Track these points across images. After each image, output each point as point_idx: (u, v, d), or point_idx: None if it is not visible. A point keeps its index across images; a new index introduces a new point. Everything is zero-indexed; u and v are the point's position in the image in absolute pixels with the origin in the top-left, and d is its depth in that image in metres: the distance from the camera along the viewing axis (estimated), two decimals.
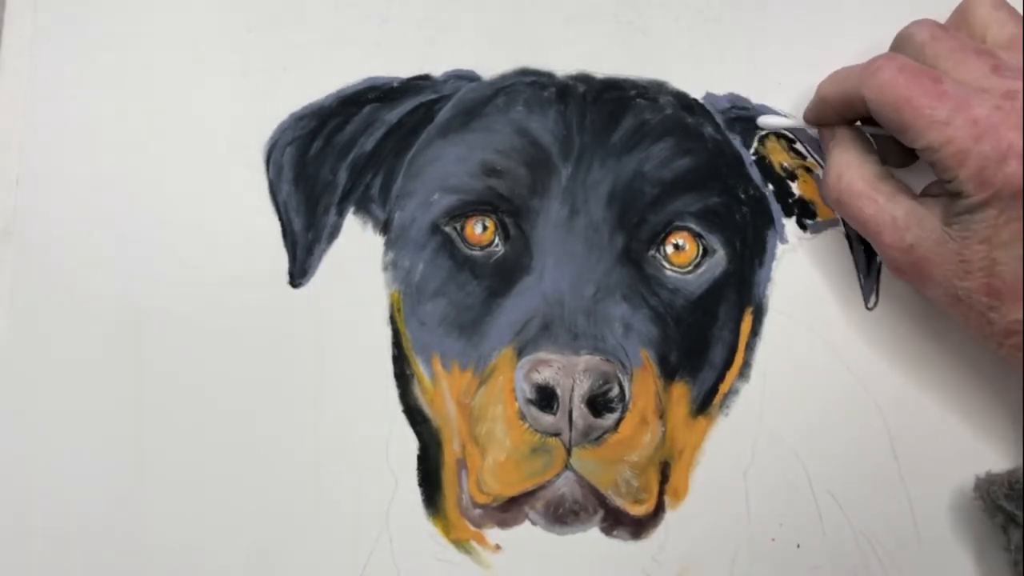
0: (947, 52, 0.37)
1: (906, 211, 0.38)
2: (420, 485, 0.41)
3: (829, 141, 0.41)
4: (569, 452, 0.39)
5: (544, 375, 0.39)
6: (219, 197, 0.42)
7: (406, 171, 0.43)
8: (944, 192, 0.37)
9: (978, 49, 0.37)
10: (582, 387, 0.39)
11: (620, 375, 0.39)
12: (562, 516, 0.41)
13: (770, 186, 0.43)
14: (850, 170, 0.39)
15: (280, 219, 0.42)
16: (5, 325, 0.41)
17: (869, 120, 0.39)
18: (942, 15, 0.41)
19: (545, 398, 0.39)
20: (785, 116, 0.43)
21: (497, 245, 0.42)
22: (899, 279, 0.39)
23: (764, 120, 0.43)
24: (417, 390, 0.42)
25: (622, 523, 0.41)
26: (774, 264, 0.43)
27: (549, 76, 0.43)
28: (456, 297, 0.41)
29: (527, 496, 0.40)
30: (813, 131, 0.43)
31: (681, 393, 0.41)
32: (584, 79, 0.43)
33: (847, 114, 0.40)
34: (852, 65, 0.40)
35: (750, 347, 0.43)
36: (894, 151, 0.41)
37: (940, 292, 0.37)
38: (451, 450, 0.41)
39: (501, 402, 0.40)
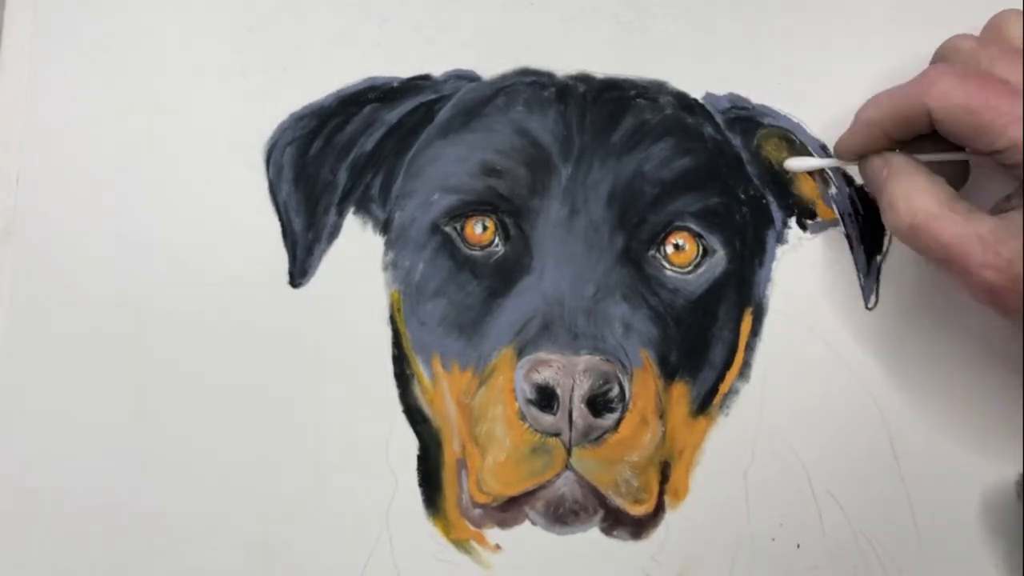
0: (998, 55, 0.37)
1: (991, 228, 0.35)
2: (420, 485, 0.41)
3: (882, 172, 0.39)
4: (569, 452, 0.39)
5: (544, 375, 0.39)
6: (219, 197, 0.42)
7: (406, 171, 0.43)
8: None
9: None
10: (582, 387, 0.39)
11: (620, 375, 0.39)
12: (562, 516, 0.41)
13: (770, 186, 0.43)
14: (920, 194, 0.37)
15: (280, 219, 0.42)
16: (5, 325, 0.41)
17: (911, 149, 0.39)
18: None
19: (545, 398, 0.39)
20: (810, 160, 0.42)
21: (497, 245, 0.42)
22: (992, 304, 0.36)
23: (792, 163, 0.42)
24: (417, 390, 0.42)
25: (622, 523, 0.41)
26: (774, 264, 0.43)
27: (549, 76, 0.43)
28: (456, 297, 0.41)
29: (527, 496, 0.40)
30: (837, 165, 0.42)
31: (681, 393, 0.41)
32: (584, 79, 0.43)
33: (902, 135, 0.38)
34: (899, 85, 0.39)
35: (750, 347, 0.43)
36: (946, 175, 0.39)
37: None
38: (451, 450, 0.41)
39: (501, 402, 0.40)
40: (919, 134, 0.38)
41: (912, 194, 0.37)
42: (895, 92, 0.38)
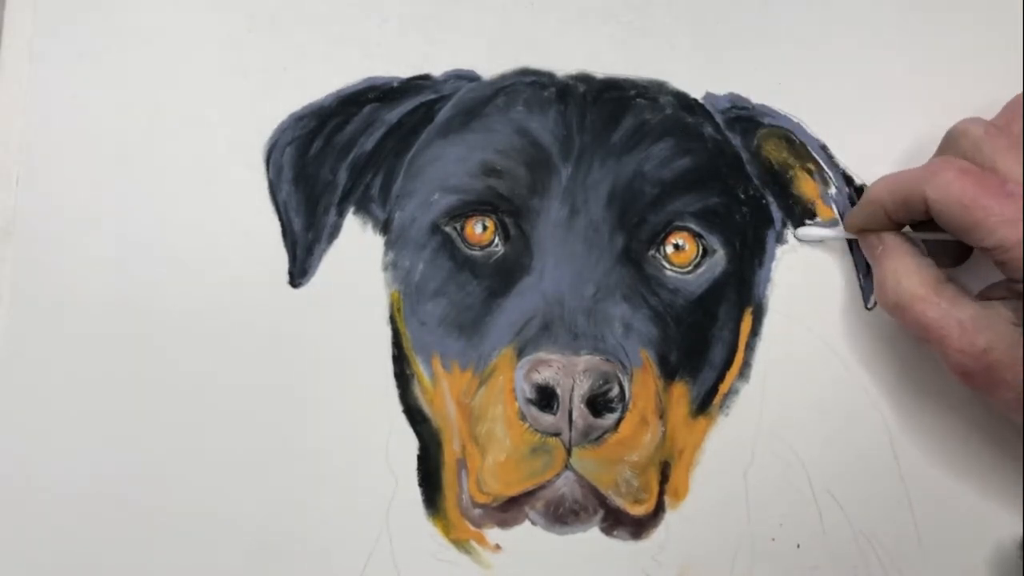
0: (1004, 148, 0.37)
1: (972, 315, 0.37)
2: (420, 485, 0.41)
3: (876, 249, 0.40)
4: (569, 452, 0.39)
5: (544, 375, 0.39)
6: (219, 197, 0.42)
7: (406, 171, 0.43)
8: (1012, 293, 0.37)
9: None
10: (582, 387, 0.39)
11: (620, 375, 0.39)
12: (562, 516, 0.41)
13: (770, 186, 0.43)
14: (909, 275, 0.38)
15: (280, 219, 0.42)
16: (5, 325, 0.41)
17: (918, 226, 0.40)
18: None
19: (545, 398, 0.39)
20: (824, 227, 0.43)
21: (497, 245, 0.42)
22: (963, 383, 0.38)
23: (803, 232, 0.43)
24: (417, 390, 0.42)
25: (622, 523, 0.41)
26: (774, 264, 0.43)
27: (549, 76, 0.43)
28: (456, 297, 0.41)
29: (527, 496, 0.40)
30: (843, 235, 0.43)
31: (681, 393, 0.41)
32: (584, 79, 0.43)
33: (902, 218, 0.40)
34: (907, 169, 0.40)
35: (750, 347, 0.43)
36: (940, 256, 0.41)
37: (1012, 396, 0.37)
38: (451, 450, 0.41)
39: (501, 402, 0.40)
40: (919, 220, 0.39)
41: (900, 274, 0.39)
42: (900, 176, 0.40)
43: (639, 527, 0.41)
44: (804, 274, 0.43)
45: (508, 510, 0.41)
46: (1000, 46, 0.44)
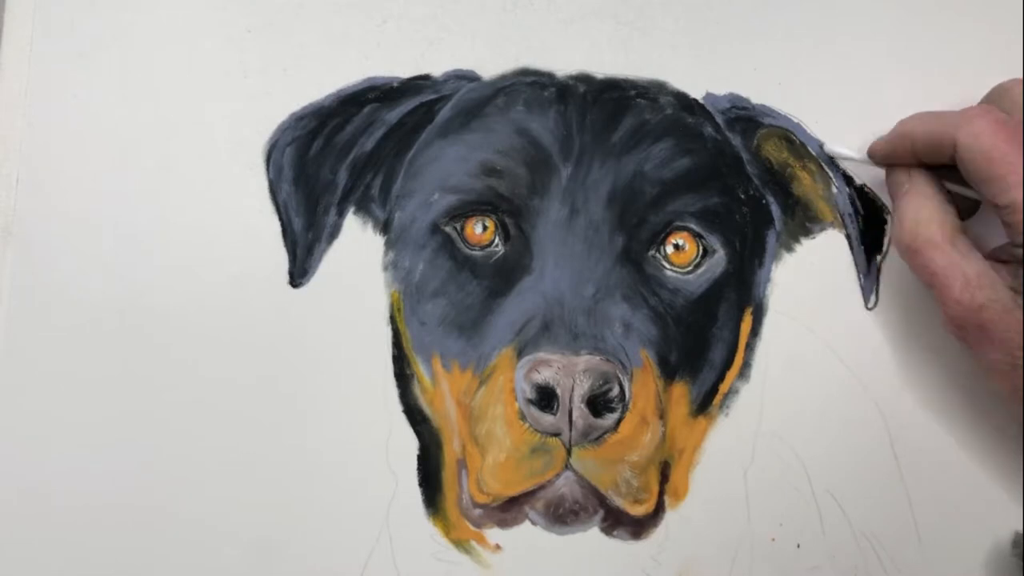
0: None
1: (978, 271, 0.37)
2: (420, 485, 0.41)
3: (903, 186, 0.40)
4: (569, 452, 0.39)
5: (544, 375, 0.39)
6: (219, 197, 0.42)
7: (406, 171, 0.43)
8: (1012, 258, 0.37)
9: None
10: (582, 387, 0.39)
11: (620, 375, 0.39)
12: (562, 516, 0.41)
13: (770, 186, 0.43)
14: (929, 220, 0.39)
15: (280, 219, 0.42)
16: (5, 325, 0.41)
17: (940, 172, 0.39)
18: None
19: (545, 398, 0.39)
20: (847, 150, 0.43)
21: (497, 245, 0.42)
22: (954, 335, 0.39)
23: (830, 148, 0.43)
24: (417, 390, 0.42)
25: (622, 523, 0.41)
26: (774, 264, 0.43)
27: (549, 76, 0.43)
28: (456, 297, 0.41)
29: (527, 496, 0.40)
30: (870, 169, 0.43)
31: (681, 393, 0.41)
32: (584, 79, 0.43)
33: (928, 157, 0.39)
34: (945, 110, 0.40)
35: (750, 347, 0.43)
36: (962, 203, 0.41)
37: (997, 357, 0.37)
38: (451, 450, 0.41)
39: (501, 402, 0.40)
40: (943, 164, 0.39)
41: (921, 217, 0.39)
42: (936, 116, 0.39)
43: (639, 527, 0.41)
44: (804, 274, 0.43)
45: (508, 510, 0.41)
46: (1000, 46, 0.44)
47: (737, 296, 0.43)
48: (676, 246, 0.42)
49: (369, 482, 0.41)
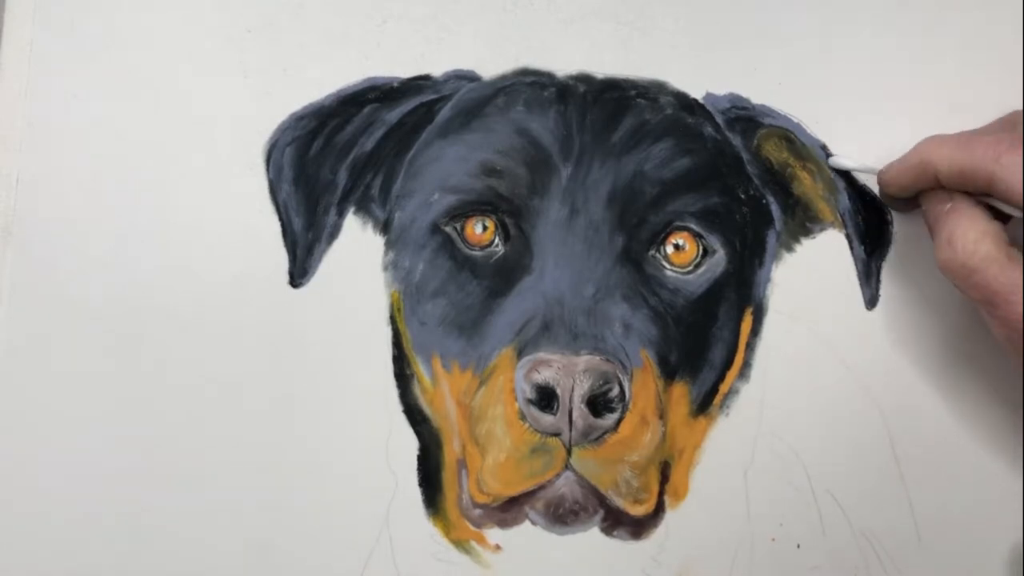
0: None
1: None
2: (420, 485, 0.41)
3: (944, 206, 0.39)
4: (569, 452, 0.39)
5: (544, 375, 0.39)
6: (219, 197, 0.42)
7: (406, 171, 0.43)
8: None
9: None
10: (582, 387, 0.39)
11: (620, 375, 0.39)
12: (562, 516, 0.41)
13: (770, 186, 0.43)
14: (984, 237, 0.37)
15: (280, 219, 0.42)
16: (5, 325, 0.41)
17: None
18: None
19: (545, 398, 0.39)
20: (858, 163, 0.43)
21: (497, 245, 0.42)
22: (1016, 351, 0.37)
23: (835, 160, 0.43)
24: (417, 390, 0.42)
25: (622, 523, 0.41)
26: (774, 264, 0.43)
27: (549, 76, 0.43)
28: (456, 297, 0.41)
29: (527, 496, 0.40)
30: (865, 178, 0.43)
31: (681, 393, 0.41)
32: (584, 79, 0.43)
33: (954, 185, 0.39)
34: (967, 136, 0.39)
35: (750, 347, 0.43)
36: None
37: None
38: (451, 450, 0.41)
39: (501, 402, 0.40)
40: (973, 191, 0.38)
41: (973, 234, 0.38)
42: (962, 144, 0.38)
43: (639, 527, 0.41)
44: (804, 274, 0.43)
45: (508, 510, 0.41)
46: (1000, 46, 0.44)
47: (737, 296, 0.43)
48: (676, 246, 0.42)
49: (369, 482, 0.41)
